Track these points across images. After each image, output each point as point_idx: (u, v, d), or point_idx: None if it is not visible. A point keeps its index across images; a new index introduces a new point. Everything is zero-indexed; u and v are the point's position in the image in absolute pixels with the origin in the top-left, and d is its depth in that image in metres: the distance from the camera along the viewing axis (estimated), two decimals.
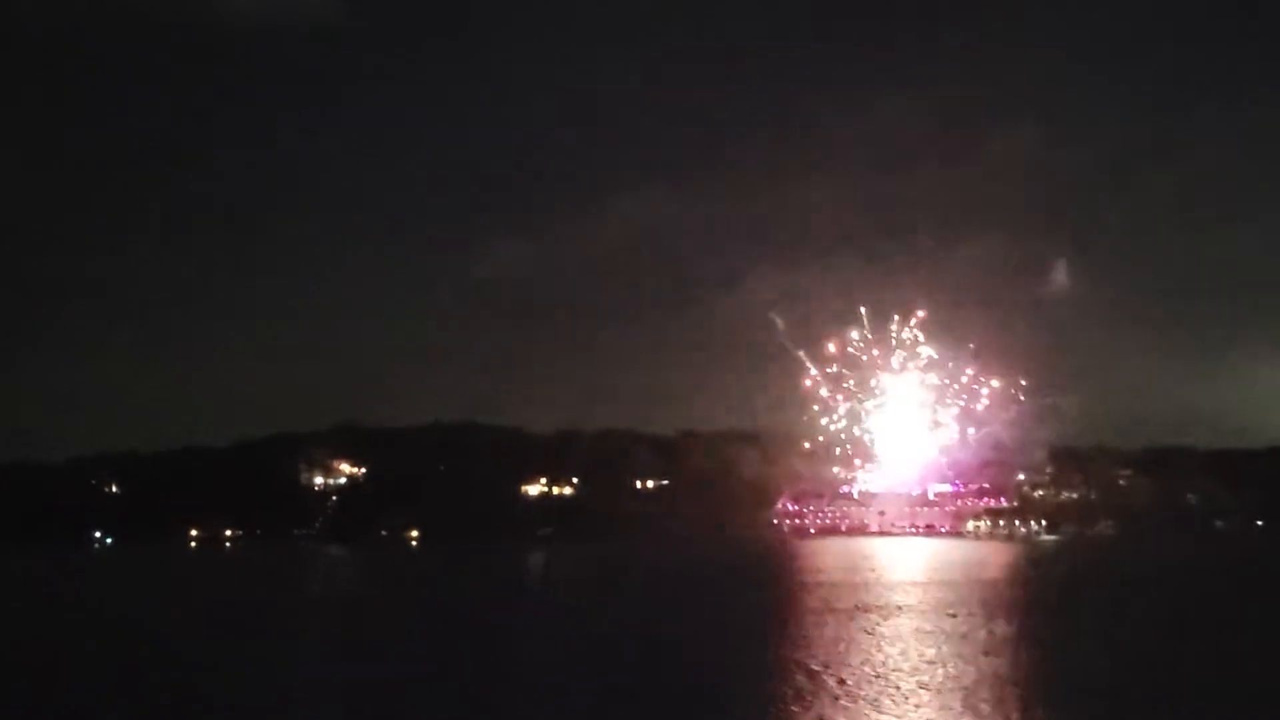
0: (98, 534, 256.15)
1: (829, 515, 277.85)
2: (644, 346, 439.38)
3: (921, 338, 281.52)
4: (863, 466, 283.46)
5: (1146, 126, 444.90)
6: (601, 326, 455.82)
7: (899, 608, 74.21)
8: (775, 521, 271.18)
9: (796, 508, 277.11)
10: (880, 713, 38.84)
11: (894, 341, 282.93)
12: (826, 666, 48.00)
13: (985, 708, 39.20)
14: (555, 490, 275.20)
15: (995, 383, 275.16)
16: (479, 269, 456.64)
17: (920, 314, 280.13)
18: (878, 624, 64.37)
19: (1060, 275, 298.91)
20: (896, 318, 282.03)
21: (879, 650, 53.16)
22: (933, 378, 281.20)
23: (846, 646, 55.05)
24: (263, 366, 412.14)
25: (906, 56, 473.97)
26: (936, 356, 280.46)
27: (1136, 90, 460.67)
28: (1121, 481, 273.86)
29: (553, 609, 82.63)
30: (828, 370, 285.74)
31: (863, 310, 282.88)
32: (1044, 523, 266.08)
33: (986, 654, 52.06)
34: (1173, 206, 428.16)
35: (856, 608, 74.57)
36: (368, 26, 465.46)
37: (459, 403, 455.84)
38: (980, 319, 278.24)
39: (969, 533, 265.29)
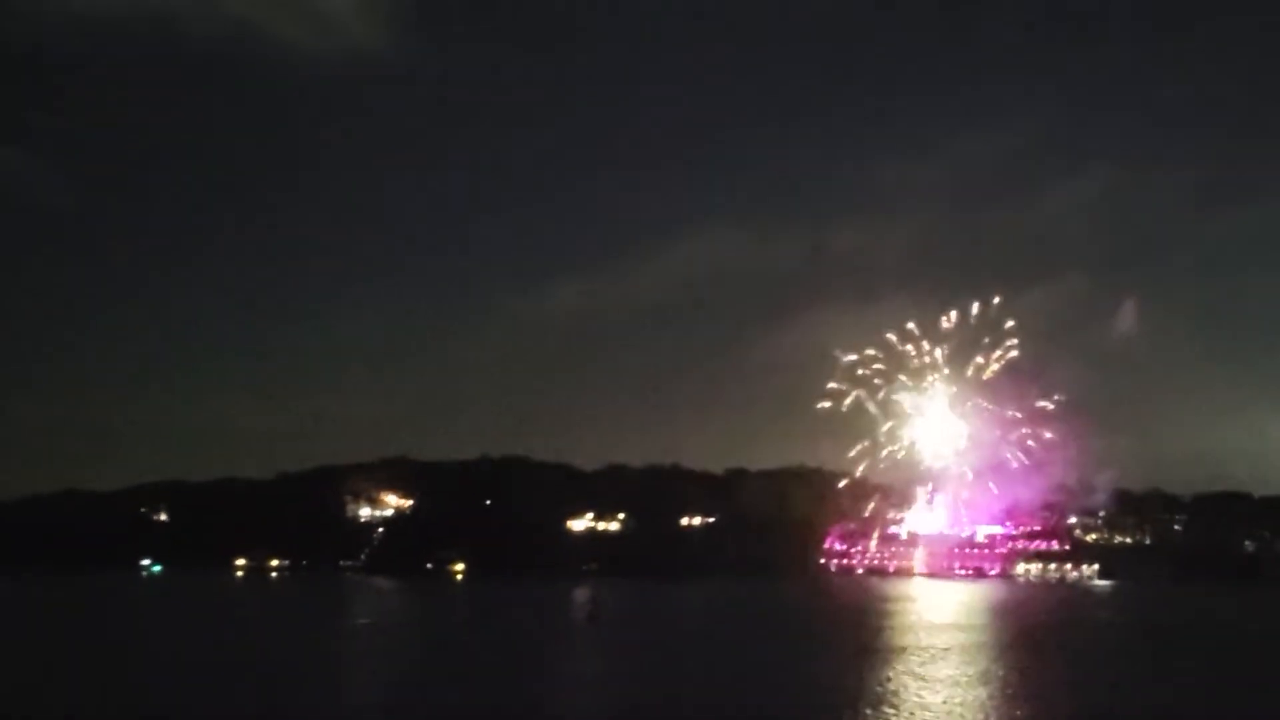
0: (145, 561, 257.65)
1: (877, 556, 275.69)
2: (694, 383, 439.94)
3: (983, 378, 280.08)
4: (911, 507, 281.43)
5: (1221, 168, 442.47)
6: (652, 363, 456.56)
7: (945, 650, 73.04)
8: (823, 561, 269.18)
9: (844, 548, 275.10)
10: None
11: (953, 381, 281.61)
12: (872, 708, 47.17)
13: None
14: (602, 526, 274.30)
15: (1058, 424, 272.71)
16: (531, 306, 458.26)
17: (982, 354, 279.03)
18: (923, 665, 63.30)
19: (1127, 318, 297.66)
20: (948, 357, 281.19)
21: (922, 693, 52.22)
22: (991, 418, 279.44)
23: (892, 688, 54.17)
24: (312, 399, 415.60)
25: (981, 97, 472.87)
26: (995, 398, 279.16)
27: (1212, 132, 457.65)
28: (1176, 526, 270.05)
29: (600, 650, 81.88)
30: (883, 409, 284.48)
31: (924, 349, 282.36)
32: (1096, 567, 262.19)
33: (1030, 699, 51.00)
34: (1243, 250, 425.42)
35: (902, 649, 73.54)
36: (425, 65, 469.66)
37: (507, 437, 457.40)
38: (1046, 360, 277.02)
39: (1019, 576, 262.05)
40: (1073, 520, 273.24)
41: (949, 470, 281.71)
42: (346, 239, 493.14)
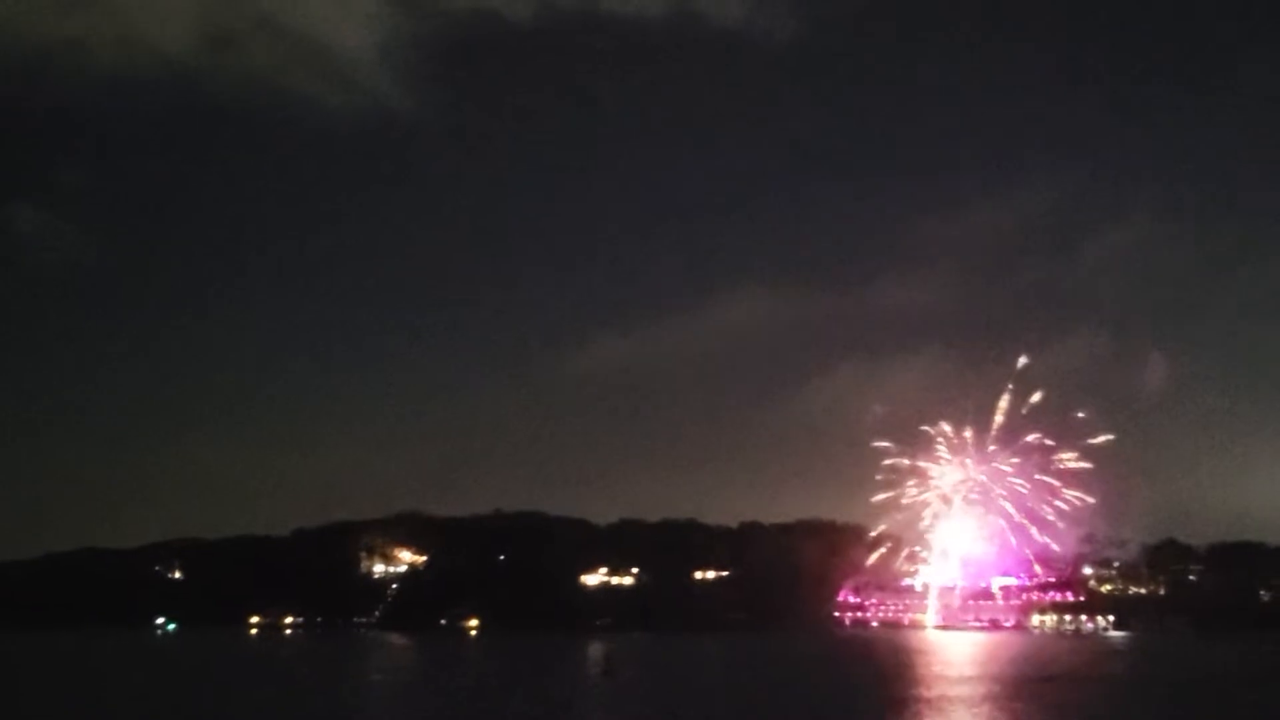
0: (160, 619, 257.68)
1: (891, 608, 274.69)
2: (710, 439, 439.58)
3: (1002, 431, 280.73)
4: (927, 559, 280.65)
5: (1250, 222, 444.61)
6: (669, 419, 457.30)
7: (958, 701, 73.26)
8: (837, 614, 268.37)
9: (858, 600, 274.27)
10: None
11: (975, 435, 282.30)
12: None
13: None
14: (616, 580, 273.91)
15: (1085, 476, 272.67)
16: (550, 363, 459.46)
17: (1011, 407, 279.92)
18: (937, 718, 63.57)
19: (1156, 371, 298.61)
20: (975, 412, 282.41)
21: None
22: (1017, 470, 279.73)
23: None
24: (328, 456, 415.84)
25: (1015, 156, 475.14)
26: (1022, 451, 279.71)
27: (1242, 186, 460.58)
28: (1191, 577, 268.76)
29: (617, 705, 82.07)
30: (905, 462, 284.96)
31: (944, 420, 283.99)
32: (1112, 619, 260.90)
33: None
34: (1270, 303, 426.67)
35: (916, 701, 73.76)
36: (446, 121, 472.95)
37: (521, 492, 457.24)
38: (1074, 412, 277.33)
39: (1034, 628, 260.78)
40: (1088, 571, 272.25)
41: (968, 522, 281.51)
42: (364, 295, 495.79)
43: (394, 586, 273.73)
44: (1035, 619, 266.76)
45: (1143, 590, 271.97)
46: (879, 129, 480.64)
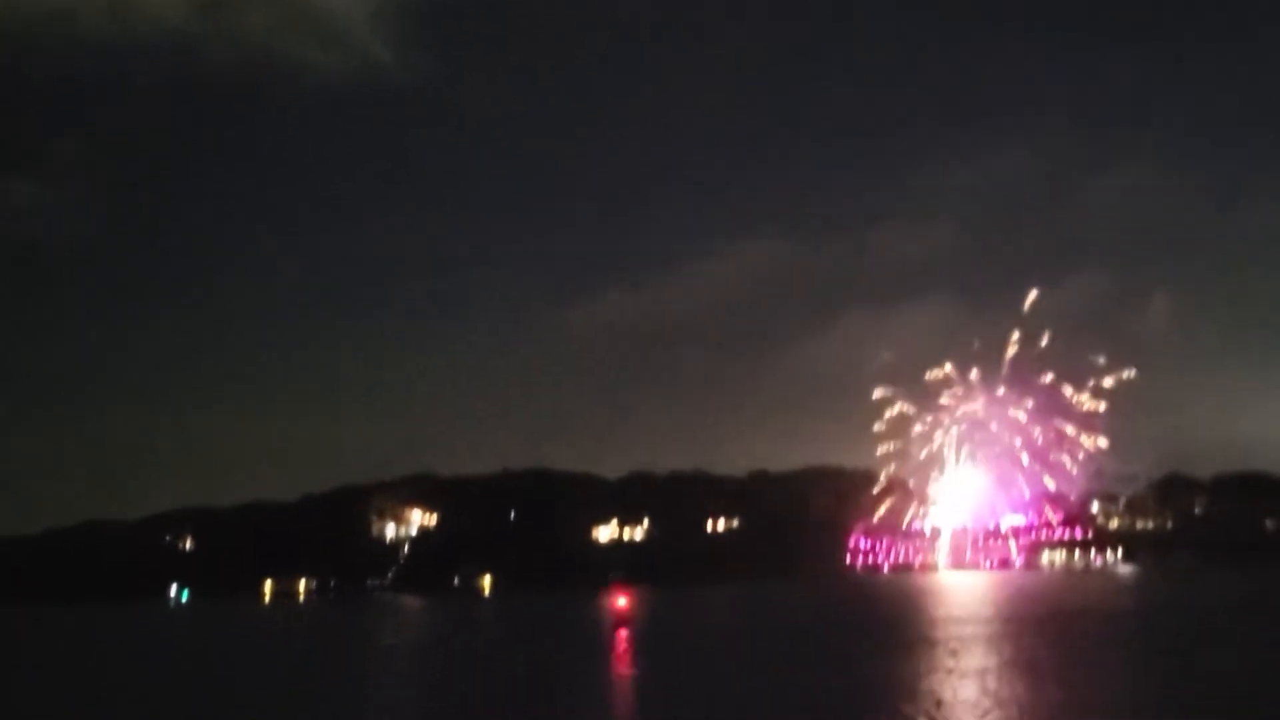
0: (173, 590, 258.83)
1: (902, 552, 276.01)
2: (719, 390, 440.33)
3: (1009, 373, 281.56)
4: (935, 502, 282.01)
5: (1248, 158, 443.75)
6: (677, 372, 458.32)
7: (968, 642, 73.56)
8: (848, 559, 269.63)
9: (869, 545, 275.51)
10: None
11: (982, 378, 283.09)
12: (896, 702, 47.78)
13: None
14: (626, 534, 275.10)
15: (1091, 414, 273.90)
16: (555, 319, 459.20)
17: (1015, 348, 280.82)
18: (945, 659, 63.84)
19: (1159, 310, 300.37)
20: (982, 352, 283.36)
21: (945, 686, 52.78)
22: (1023, 409, 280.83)
23: (915, 682, 54.74)
24: (333, 420, 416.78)
25: (1013, 102, 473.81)
26: (1027, 390, 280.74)
27: (1239, 123, 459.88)
28: (1197, 510, 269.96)
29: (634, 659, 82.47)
30: (912, 408, 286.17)
31: (948, 363, 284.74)
32: (1120, 554, 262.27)
33: (1055, 690, 51.50)
34: (1268, 238, 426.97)
35: (926, 642, 74.06)
36: (447, 82, 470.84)
37: (529, 449, 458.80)
38: (1078, 352, 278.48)
39: (1044, 566, 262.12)
40: (1095, 507, 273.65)
41: (977, 465, 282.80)
42: (367, 258, 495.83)
43: (406, 548, 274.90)
44: (1045, 557, 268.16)
45: (1150, 524, 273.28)
46: (879, 80, 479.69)
